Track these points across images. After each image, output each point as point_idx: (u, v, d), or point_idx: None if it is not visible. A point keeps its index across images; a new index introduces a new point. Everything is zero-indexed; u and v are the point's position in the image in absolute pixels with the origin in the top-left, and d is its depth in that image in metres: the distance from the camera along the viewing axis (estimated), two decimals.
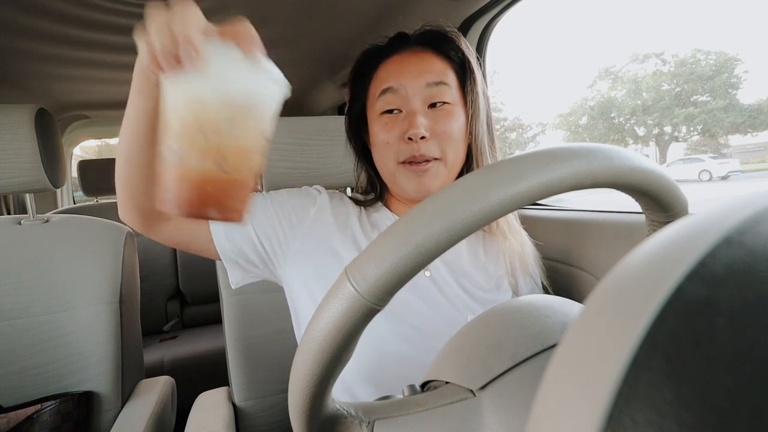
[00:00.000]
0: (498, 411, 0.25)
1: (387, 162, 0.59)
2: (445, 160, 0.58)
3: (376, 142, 0.60)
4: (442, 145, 0.57)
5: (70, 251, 0.80)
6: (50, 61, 1.25)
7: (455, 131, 0.57)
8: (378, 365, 0.53)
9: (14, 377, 0.75)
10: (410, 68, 0.58)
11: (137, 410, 0.78)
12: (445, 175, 0.58)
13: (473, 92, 0.59)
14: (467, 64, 0.59)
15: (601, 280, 0.15)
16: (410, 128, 0.55)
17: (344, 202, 0.66)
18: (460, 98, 0.59)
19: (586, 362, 0.13)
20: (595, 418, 0.11)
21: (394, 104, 0.58)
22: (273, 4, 0.99)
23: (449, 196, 0.22)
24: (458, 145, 0.58)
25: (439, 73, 0.58)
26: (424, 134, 0.55)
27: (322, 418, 0.27)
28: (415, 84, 0.57)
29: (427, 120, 0.56)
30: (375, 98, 0.60)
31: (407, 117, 0.57)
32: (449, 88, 0.58)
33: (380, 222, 0.65)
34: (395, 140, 0.57)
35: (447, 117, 0.57)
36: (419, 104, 0.57)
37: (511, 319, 0.29)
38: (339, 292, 0.23)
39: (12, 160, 0.73)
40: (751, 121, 7.86)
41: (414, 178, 0.57)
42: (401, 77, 0.58)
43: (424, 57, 0.59)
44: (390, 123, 0.58)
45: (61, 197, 2.02)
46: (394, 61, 0.60)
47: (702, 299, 0.11)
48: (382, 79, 0.60)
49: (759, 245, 0.12)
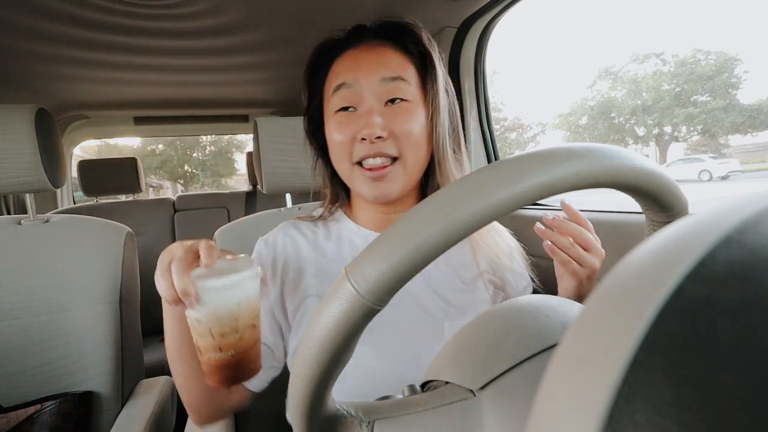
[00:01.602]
0: (498, 411, 0.25)
1: (342, 162, 0.56)
2: (403, 162, 0.54)
3: (331, 141, 0.57)
4: (400, 145, 0.53)
5: (70, 251, 0.80)
6: (50, 61, 1.25)
7: (415, 130, 0.53)
8: (353, 380, 0.51)
9: (14, 377, 0.75)
10: (366, 63, 0.54)
11: (137, 410, 0.78)
12: (405, 179, 0.55)
13: (433, 89, 0.55)
14: (428, 59, 0.56)
15: (601, 280, 0.15)
16: (365, 128, 0.52)
17: (294, 233, 0.63)
18: (420, 95, 0.56)
19: (586, 362, 0.13)
20: (595, 418, 0.11)
21: (348, 101, 0.54)
22: (273, 4, 0.99)
23: (449, 196, 0.22)
24: (419, 146, 0.54)
25: (396, 68, 0.54)
26: (381, 134, 0.52)
27: (322, 418, 0.27)
28: (371, 79, 0.53)
29: (384, 119, 0.53)
30: (330, 95, 0.56)
31: (362, 116, 0.53)
32: (408, 84, 0.54)
33: (342, 235, 0.62)
34: (349, 140, 0.54)
35: (405, 115, 0.53)
36: (375, 101, 0.53)
37: (511, 319, 0.29)
38: (339, 292, 0.23)
39: (12, 160, 0.73)
40: (751, 121, 7.86)
41: (370, 182, 0.54)
42: (356, 72, 0.54)
43: (380, 51, 0.55)
44: (344, 122, 0.54)
45: (61, 197, 2.02)
46: (349, 55, 0.56)
47: (702, 299, 0.11)
48: (336, 74, 0.56)
49: (759, 245, 0.12)
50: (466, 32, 1.08)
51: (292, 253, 0.61)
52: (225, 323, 0.39)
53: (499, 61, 26.59)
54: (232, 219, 1.96)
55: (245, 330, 0.41)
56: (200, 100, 1.83)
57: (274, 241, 0.62)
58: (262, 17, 1.07)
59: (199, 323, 0.40)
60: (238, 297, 0.40)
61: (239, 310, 0.40)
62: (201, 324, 0.40)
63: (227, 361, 0.40)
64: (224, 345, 0.40)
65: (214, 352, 0.40)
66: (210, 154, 17.91)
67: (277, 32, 1.16)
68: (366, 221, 0.63)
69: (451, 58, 1.13)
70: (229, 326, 0.40)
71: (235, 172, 17.88)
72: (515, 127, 15.45)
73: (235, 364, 0.41)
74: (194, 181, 18.14)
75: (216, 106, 1.98)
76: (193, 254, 0.41)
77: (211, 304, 0.39)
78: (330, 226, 0.64)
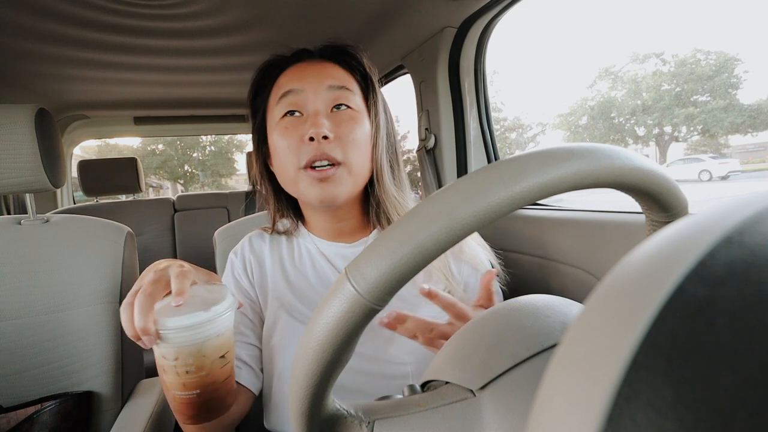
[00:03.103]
0: (498, 411, 0.25)
1: (288, 168, 0.55)
2: (348, 167, 0.54)
3: (275, 150, 0.57)
4: (345, 149, 0.54)
5: (70, 251, 0.80)
6: (50, 61, 1.25)
7: (359, 136, 0.55)
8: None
9: (14, 377, 0.75)
10: (313, 72, 0.56)
11: (137, 410, 0.78)
12: (350, 184, 0.55)
13: (375, 105, 0.58)
14: (369, 80, 0.59)
15: (601, 280, 0.15)
16: (312, 127, 0.52)
17: (260, 244, 0.65)
18: (364, 108, 0.57)
19: (586, 362, 0.13)
20: (595, 418, 0.11)
21: (295, 106, 0.55)
22: (273, 4, 0.99)
23: (449, 196, 0.22)
24: (363, 153, 0.56)
25: (341, 79, 0.56)
26: (327, 134, 0.52)
27: (322, 418, 0.27)
28: (317, 86, 0.55)
29: (330, 122, 0.54)
30: (274, 104, 0.57)
31: (309, 118, 0.54)
32: (353, 94, 0.56)
33: (302, 246, 0.64)
34: (296, 144, 0.54)
35: (350, 121, 0.55)
36: (321, 106, 0.55)
37: (511, 319, 0.29)
38: (339, 292, 0.22)
39: (12, 160, 0.73)
40: (751, 121, 7.85)
41: (316, 184, 0.53)
42: (303, 81, 0.55)
43: (326, 65, 0.58)
44: (290, 127, 0.55)
45: (61, 197, 2.02)
46: (295, 68, 0.58)
47: (702, 299, 0.11)
48: (281, 85, 0.57)
49: (759, 245, 0.12)
50: (466, 32, 1.08)
51: (256, 265, 0.64)
52: (189, 362, 0.37)
53: (499, 61, 26.57)
54: (232, 219, 1.96)
55: (212, 367, 0.38)
56: (200, 100, 1.83)
57: (242, 252, 0.65)
58: (262, 17, 1.06)
59: (163, 359, 0.38)
60: (205, 334, 0.37)
61: (205, 349, 0.38)
62: (165, 360, 0.38)
63: (192, 400, 0.38)
64: (188, 383, 0.38)
65: (178, 390, 0.38)
66: (210, 154, 17.92)
67: (277, 32, 1.16)
68: (320, 231, 0.64)
69: (451, 58, 1.13)
70: (194, 365, 0.37)
71: (235, 172, 17.89)
72: (515, 127, 15.45)
73: (200, 403, 0.39)
74: (194, 181, 18.15)
75: (216, 106, 1.98)
76: (163, 283, 0.39)
77: (174, 343, 0.37)
78: (293, 241, 0.66)
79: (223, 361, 0.39)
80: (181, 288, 0.37)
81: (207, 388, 0.38)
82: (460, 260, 0.62)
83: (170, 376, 0.38)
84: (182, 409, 0.39)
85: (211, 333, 0.38)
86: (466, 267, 0.62)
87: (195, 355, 0.37)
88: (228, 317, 0.39)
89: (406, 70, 1.34)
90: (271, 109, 0.58)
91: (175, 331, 0.36)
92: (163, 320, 0.36)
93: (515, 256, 0.90)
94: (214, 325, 0.38)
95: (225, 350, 0.39)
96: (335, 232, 0.63)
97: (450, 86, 1.16)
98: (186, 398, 0.38)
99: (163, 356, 0.38)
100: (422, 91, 1.24)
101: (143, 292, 0.37)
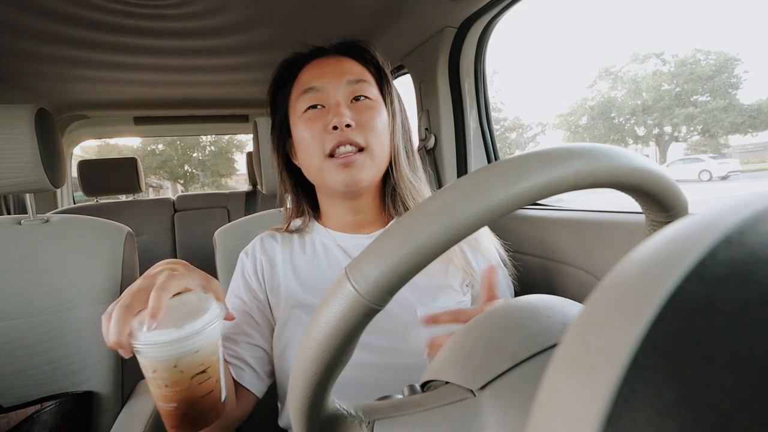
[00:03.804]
0: (498, 411, 0.25)
1: (313, 158, 0.59)
2: (371, 152, 0.58)
3: (300, 142, 0.60)
4: (367, 135, 0.57)
5: (71, 251, 0.80)
6: (50, 61, 1.25)
7: (378, 124, 0.59)
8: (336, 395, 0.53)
9: (14, 377, 0.75)
10: (331, 69, 0.60)
11: (137, 410, 0.78)
12: (373, 169, 0.58)
13: (390, 95, 0.62)
14: (382, 72, 0.62)
15: (601, 280, 0.15)
16: (335, 117, 0.56)
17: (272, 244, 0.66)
18: (380, 98, 0.61)
19: (586, 362, 0.13)
20: (595, 418, 0.11)
21: (317, 100, 0.59)
22: (272, 4, 0.99)
23: (449, 196, 0.22)
24: (383, 139, 0.59)
25: (359, 73, 0.60)
26: (350, 122, 0.56)
27: (322, 418, 0.27)
28: (337, 82, 0.59)
29: (351, 112, 0.57)
30: (297, 100, 0.60)
31: (331, 109, 0.58)
32: (370, 85, 0.60)
33: (317, 242, 0.65)
34: (320, 133, 0.57)
35: (370, 110, 0.59)
36: (342, 98, 0.58)
37: (511, 319, 0.29)
38: (339, 292, 0.22)
39: (12, 160, 0.73)
40: (751, 121, 7.85)
41: (341, 170, 0.57)
42: (322, 78, 0.59)
43: (343, 60, 0.61)
44: (313, 118, 0.58)
45: (61, 197, 2.02)
46: (314, 65, 0.62)
47: (702, 299, 0.11)
48: (303, 82, 0.61)
49: (759, 245, 0.12)
50: (466, 32, 1.08)
51: (267, 266, 0.65)
52: (166, 376, 0.37)
53: (499, 61, 26.59)
54: (232, 219, 1.96)
55: (191, 383, 0.38)
56: (200, 100, 1.83)
57: (253, 252, 0.66)
58: (262, 17, 1.07)
59: (144, 369, 0.38)
60: (181, 351, 0.36)
61: (181, 364, 0.37)
62: (145, 371, 0.37)
63: (172, 411, 0.38)
64: (167, 396, 0.37)
65: (159, 400, 0.38)
66: (210, 154, 17.91)
67: (277, 32, 1.16)
68: (336, 224, 0.66)
69: (451, 58, 1.13)
70: (169, 379, 0.37)
71: (235, 172, 17.88)
72: (515, 127, 15.45)
73: (180, 416, 0.38)
74: (194, 181, 18.14)
75: (216, 106, 1.98)
76: (146, 293, 0.38)
77: (149, 357, 0.36)
78: (305, 237, 0.67)
79: (204, 376, 0.38)
80: (156, 306, 0.36)
81: (185, 402, 0.38)
82: (477, 251, 0.64)
83: (152, 387, 0.38)
84: (165, 418, 0.39)
85: (187, 349, 0.37)
86: (483, 259, 0.64)
87: (170, 370, 0.37)
88: (209, 332, 0.38)
89: (406, 70, 1.34)
90: (293, 105, 0.62)
91: (147, 347, 0.36)
92: (137, 334, 0.36)
93: (515, 256, 0.90)
94: (191, 342, 0.37)
95: (205, 365, 0.38)
96: (353, 225, 0.65)
97: (450, 86, 1.16)
98: (166, 409, 0.38)
99: (143, 367, 0.38)
100: (422, 91, 1.24)
101: (122, 304, 0.37)
